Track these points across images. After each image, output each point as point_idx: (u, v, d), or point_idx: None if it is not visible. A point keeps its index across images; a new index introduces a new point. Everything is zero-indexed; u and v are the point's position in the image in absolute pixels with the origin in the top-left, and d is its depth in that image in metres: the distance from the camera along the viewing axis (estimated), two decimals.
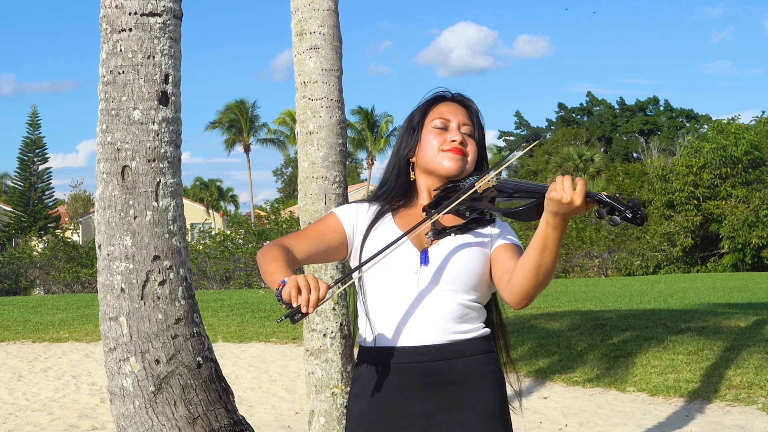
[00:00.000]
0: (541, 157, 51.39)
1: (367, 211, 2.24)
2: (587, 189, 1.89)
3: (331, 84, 4.47)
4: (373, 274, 2.15)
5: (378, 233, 2.18)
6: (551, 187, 1.90)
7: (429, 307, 2.10)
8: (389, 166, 2.31)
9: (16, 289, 26.16)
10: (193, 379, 3.56)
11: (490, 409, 2.12)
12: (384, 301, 2.14)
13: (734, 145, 28.59)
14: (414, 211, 2.23)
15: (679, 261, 29.07)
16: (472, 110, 2.30)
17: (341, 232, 2.20)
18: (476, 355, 2.13)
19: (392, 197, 2.25)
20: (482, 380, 2.12)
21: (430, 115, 2.26)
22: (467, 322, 2.13)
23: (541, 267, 1.97)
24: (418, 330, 2.10)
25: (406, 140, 2.28)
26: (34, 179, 46.29)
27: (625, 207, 1.85)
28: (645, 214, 1.85)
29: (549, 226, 1.93)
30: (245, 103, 51.14)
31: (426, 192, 2.25)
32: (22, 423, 6.54)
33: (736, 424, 5.80)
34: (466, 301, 2.13)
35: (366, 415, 2.14)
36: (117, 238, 3.53)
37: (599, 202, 1.88)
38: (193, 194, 57.52)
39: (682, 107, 59.86)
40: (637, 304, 13.35)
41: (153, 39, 3.57)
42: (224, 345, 10.35)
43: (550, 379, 7.63)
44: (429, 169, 2.23)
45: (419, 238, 2.15)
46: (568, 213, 1.90)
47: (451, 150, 2.20)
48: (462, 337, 2.12)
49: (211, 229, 37.14)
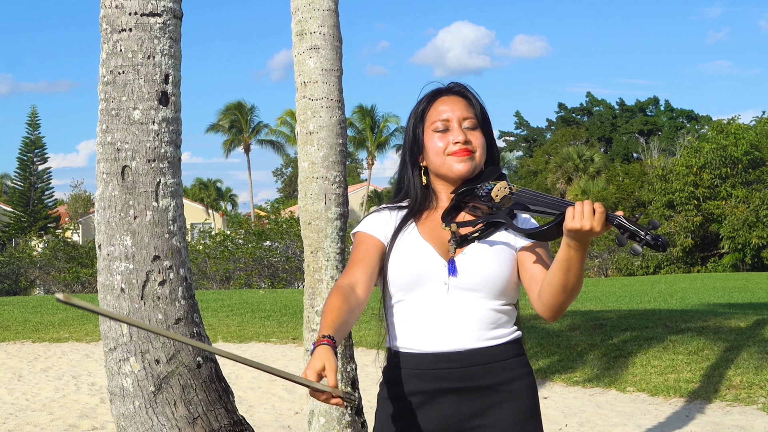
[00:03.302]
0: (541, 158, 51.38)
1: (389, 218, 2.20)
2: (608, 212, 1.87)
3: (331, 84, 4.46)
4: (400, 285, 2.12)
5: (403, 242, 2.15)
6: (569, 214, 1.88)
7: (461, 315, 2.08)
8: (401, 174, 2.27)
9: (16, 289, 26.17)
10: (193, 379, 3.56)
11: (523, 412, 2.10)
12: (414, 311, 2.12)
13: (734, 145, 28.58)
14: (435, 216, 2.19)
15: (679, 261, 29.07)
16: (470, 99, 2.22)
17: (380, 245, 2.16)
18: (509, 359, 2.11)
19: (412, 206, 2.21)
20: (515, 384, 2.11)
21: (429, 117, 2.20)
22: (500, 327, 2.12)
23: (568, 285, 1.96)
24: (451, 337, 2.08)
25: (411, 148, 2.22)
26: (33, 179, 46.28)
27: (645, 231, 1.83)
28: (666, 240, 1.83)
29: (571, 249, 1.92)
30: (244, 105, 51.13)
31: (444, 193, 2.21)
32: (22, 423, 6.54)
33: (736, 424, 5.79)
34: (498, 306, 2.11)
35: (397, 419, 2.12)
36: (117, 238, 3.53)
37: (619, 226, 1.86)
38: (193, 194, 57.50)
39: (682, 107, 59.91)
40: (637, 304, 13.35)
41: (153, 39, 3.57)
42: (224, 345, 10.35)
43: (550, 379, 7.63)
44: (440, 174, 2.19)
45: (444, 247, 2.12)
46: (588, 237, 1.89)
47: (456, 153, 2.15)
48: (495, 343, 2.10)
49: (211, 229, 37.13)
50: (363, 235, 2.19)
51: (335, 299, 2.02)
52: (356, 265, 2.13)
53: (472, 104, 2.21)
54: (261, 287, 22.25)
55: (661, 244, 1.82)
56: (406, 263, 2.11)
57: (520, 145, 61.97)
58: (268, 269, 24.09)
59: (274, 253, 24.22)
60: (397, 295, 2.14)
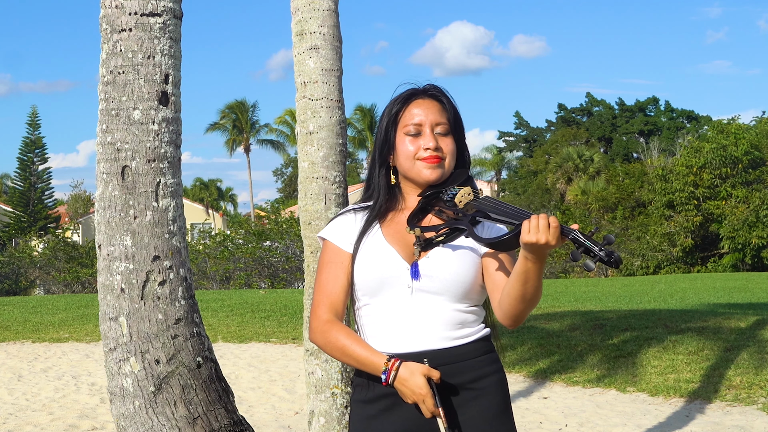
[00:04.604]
0: (541, 158, 51.36)
1: (354, 223, 2.22)
2: (563, 225, 1.93)
3: (331, 84, 4.46)
4: (365, 289, 2.15)
5: (367, 245, 2.17)
6: (525, 228, 1.92)
7: (427, 317, 2.11)
8: (370, 172, 2.29)
9: (16, 289, 26.17)
10: (193, 379, 3.56)
11: (494, 408, 2.13)
12: (380, 314, 2.14)
13: (734, 145, 28.61)
14: (401, 218, 2.21)
15: (679, 261, 29.09)
16: (444, 103, 2.22)
17: (349, 257, 2.18)
18: (478, 357, 2.14)
19: (378, 207, 2.23)
20: (485, 381, 2.13)
21: (402, 119, 2.20)
22: (467, 327, 2.14)
23: (526, 295, 2.01)
24: (418, 338, 2.11)
25: (381, 147, 2.23)
26: (34, 179, 46.28)
27: (599, 247, 1.87)
28: (619, 256, 1.87)
29: (528, 261, 1.96)
30: (245, 104, 51.15)
31: (411, 195, 2.23)
32: (22, 423, 6.54)
33: (736, 424, 5.79)
34: (464, 308, 2.14)
35: (372, 420, 2.14)
36: (117, 238, 3.53)
37: (574, 241, 1.91)
38: (193, 194, 57.51)
39: (682, 107, 59.90)
40: (637, 304, 13.35)
41: (153, 39, 3.57)
42: (224, 345, 10.35)
43: (550, 379, 7.63)
44: (408, 177, 2.21)
45: (408, 250, 2.14)
46: (544, 250, 1.93)
47: (426, 159, 2.16)
48: (462, 342, 2.13)
49: (211, 229, 37.12)
50: (332, 248, 2.21)
51: (345, 331, 2.13)
52: (336, 287, 2.18)
53: (446, 109, 2.22)
54: (261, 287, 22.25)
55: (615, 260, 1.85)
56: (370, 267, 2.14)
57: (520, 146, 61.97)
58: (268, 269, 24.08)
59: (274, 253, 24.21)
60: (363, 299, 2.17)
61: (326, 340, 2.13)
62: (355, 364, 2.10)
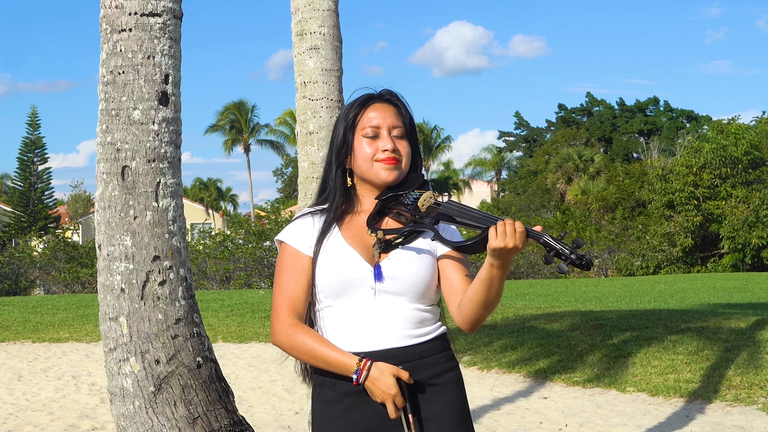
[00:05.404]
0: (541, 158, 51.37)
1: (312, 226, 2.24)
2: (530, 228, 1.97)
3: (331, 84, 4.47)
4: (328, 291, 2.18)
5: (328, 248, 2.19)
6: (492, 234, 1.97)
7: (388, 316, 2.16)
8: (326, 174, 2.32)
9: (16, 289, 26.16)
10: (193, 379, 3.56)
11: (454, 403, 2.18)
12: (343, 315, 2.18)
13: (734, 145, 28.61)
14: (358, 220, 2.24)
15: (679, 261, 29.08)
16: (400, 108, 2.28)
17: (308, 261, 2.21)
18: (437, 354, 2.19)
19: (335, 209, 2.25)
20: (444, 377, 2.19)
21: (360, 123, 2.25)
22: (426, 325, 2.20)
23: (489, 300, 2.08)
24: (380, 337, 2.15)
25: (339, 149, 2.27)
26: (34, 179, 46.27)
27: (570, 250, 1.91)
28: (590, 259, 1.91)
29: (494, 268, 2.02)
30: (245, 104, 51.13)
31: (367, 198, 2.26)
32: (22, 423, 6.54)
33: (736, 424, 5.79)
34: (423, 307, 2.20)
35: (334, 421, 2.17)
36: (117, 238, 3.53)
37: (545, 245, 1.95)
38: (193, 194, 57.51)
39: (682, 107, 59.91)
40: (637, 304, 13.35)
41: (153, 39, 3.57)
42: (224, 345, 10.36)
43: (550, 379, 7.63)
44: (365, 179, 2.25)
45: (369, 252, 2.18)
46: (511, 254, 1.98)
47: (384, 161, 2.21)
48: (423, 340, 2.18)
49: (211, 229, 37.12)
50: (291, 252, 2.23)
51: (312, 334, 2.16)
52: (297, 289, 2.20)
53: (402, 113, 2.28)
54: (261, 287, 22.24)
55: (585, 263, 1.90)
56: (332, 270, 2.17)
57: (520, 146, 61.99)
58: (268, 269, 24.08)
59: (274, 253, 24.20)
60: (325, 300, 2.19)
61: (292, 343, 2.16)
62: (323, 365, 2.14)
